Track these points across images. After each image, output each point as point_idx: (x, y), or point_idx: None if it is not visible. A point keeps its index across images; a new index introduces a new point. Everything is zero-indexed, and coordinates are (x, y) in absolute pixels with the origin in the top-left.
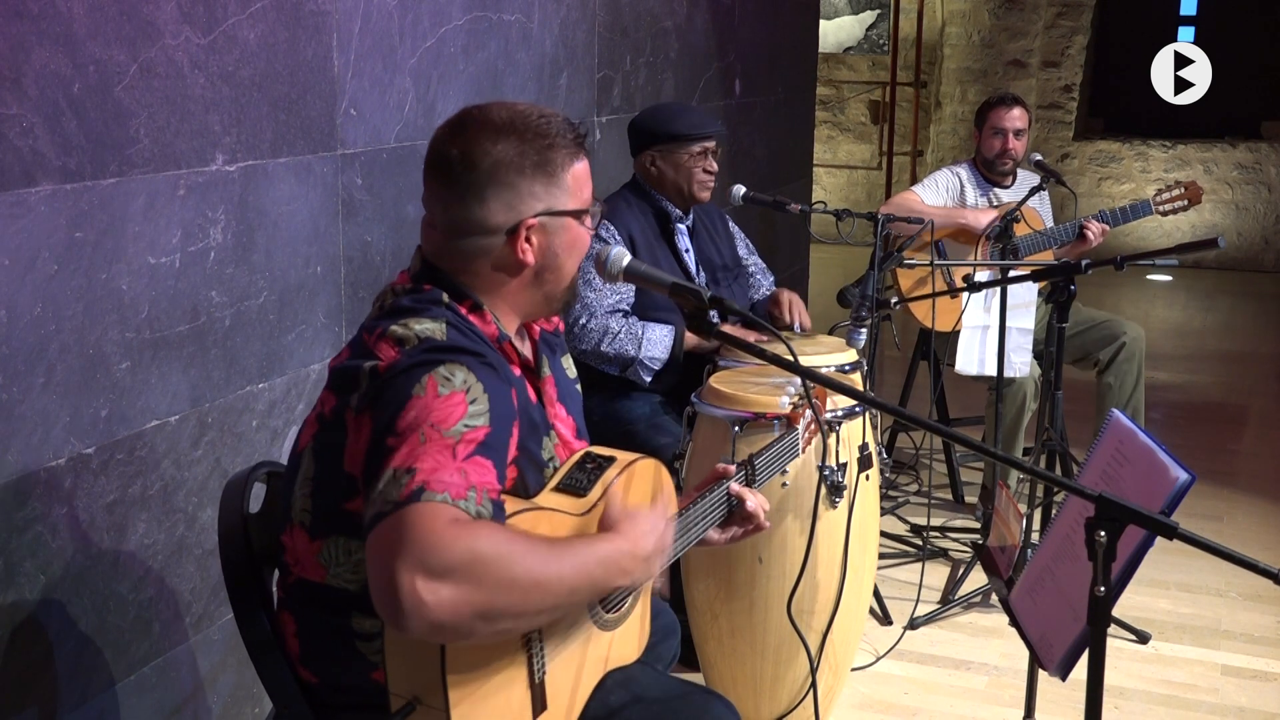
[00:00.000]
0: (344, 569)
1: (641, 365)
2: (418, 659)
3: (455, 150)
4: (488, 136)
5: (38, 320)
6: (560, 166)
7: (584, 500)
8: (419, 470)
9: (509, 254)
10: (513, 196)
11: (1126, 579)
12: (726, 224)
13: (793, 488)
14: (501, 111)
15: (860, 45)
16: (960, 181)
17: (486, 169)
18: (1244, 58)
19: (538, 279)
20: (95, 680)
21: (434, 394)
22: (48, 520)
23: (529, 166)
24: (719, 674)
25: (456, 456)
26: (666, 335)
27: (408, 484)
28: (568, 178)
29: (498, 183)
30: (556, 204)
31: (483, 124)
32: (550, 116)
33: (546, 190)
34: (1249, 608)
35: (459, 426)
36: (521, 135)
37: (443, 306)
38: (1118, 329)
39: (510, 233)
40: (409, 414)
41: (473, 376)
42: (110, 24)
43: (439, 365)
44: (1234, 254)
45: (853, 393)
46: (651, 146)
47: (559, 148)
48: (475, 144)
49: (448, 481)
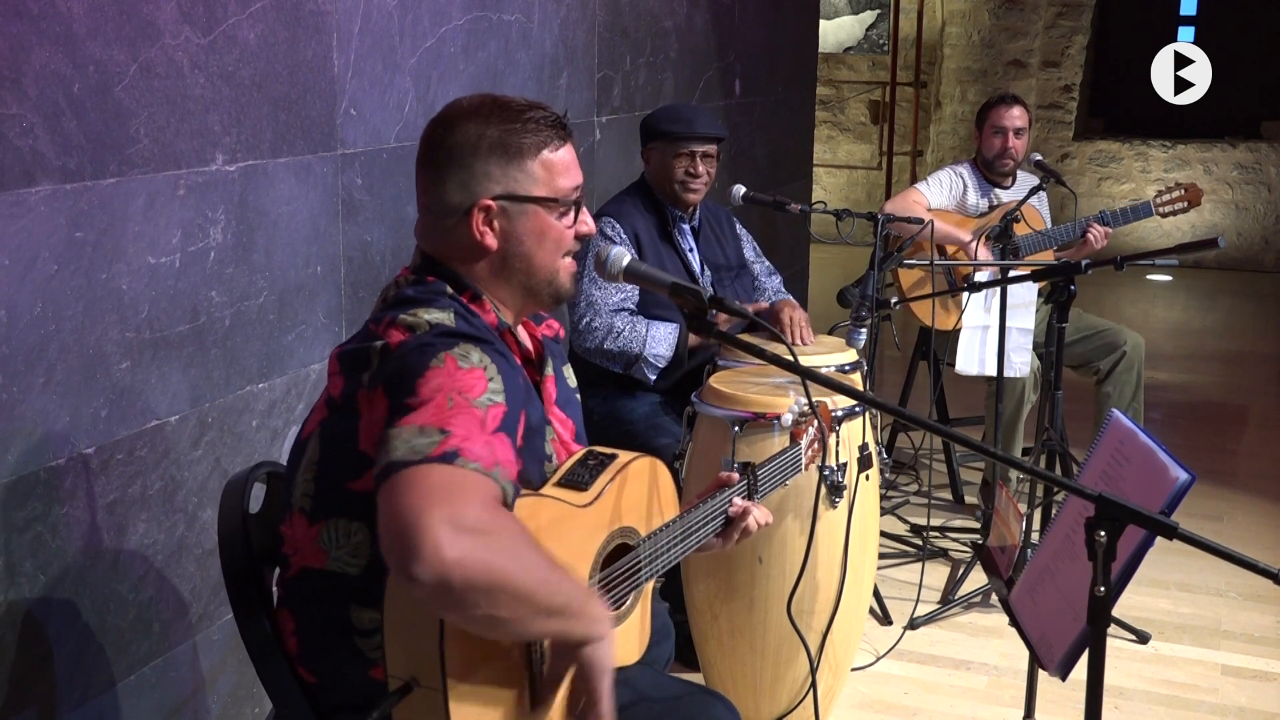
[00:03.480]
0: (344, 551)
1: (645, 363)
2: (417, 637)
3: (430, 132)
4: (457, 120)
5: (38, 320)
6: (525, 151)
7: (585, 494)
8: (453, 433)
9: (467, 235)
10: (467, 176)
11: (1126, 579)
12: (734, 225)
13: (793, 488)
14: (478, 98)
15: (860, 45)
16: (963, 181)
17: (447, 149)
18: (1244, 58)
19: (505, 266)
20: (95, 680)
21: (455, 366)
22: (48, 520)
23: (485, 147)
24: (719, 674)
25: (485, 428)
26: (671, 333)
27: (442, 442)
28: (535, 164)
29: (454, 163)
30: (518, 188)
31: (455, 108)
32: (534, 105)
33: (504, 172)
34: (1249, 608)
35: (484, 398)
36: (487, 118)
37: (449, 298)
38: (1118, 339)
39: (466, 213)
40: (431, 381)
41: (487, 358)
42: (110, 24)
43: (454, 345)
44: (1234, 254)
45: (853, 393)
46: (649, 142)
47: (528, 133)
48: (443, 126)
49: (479, 453)
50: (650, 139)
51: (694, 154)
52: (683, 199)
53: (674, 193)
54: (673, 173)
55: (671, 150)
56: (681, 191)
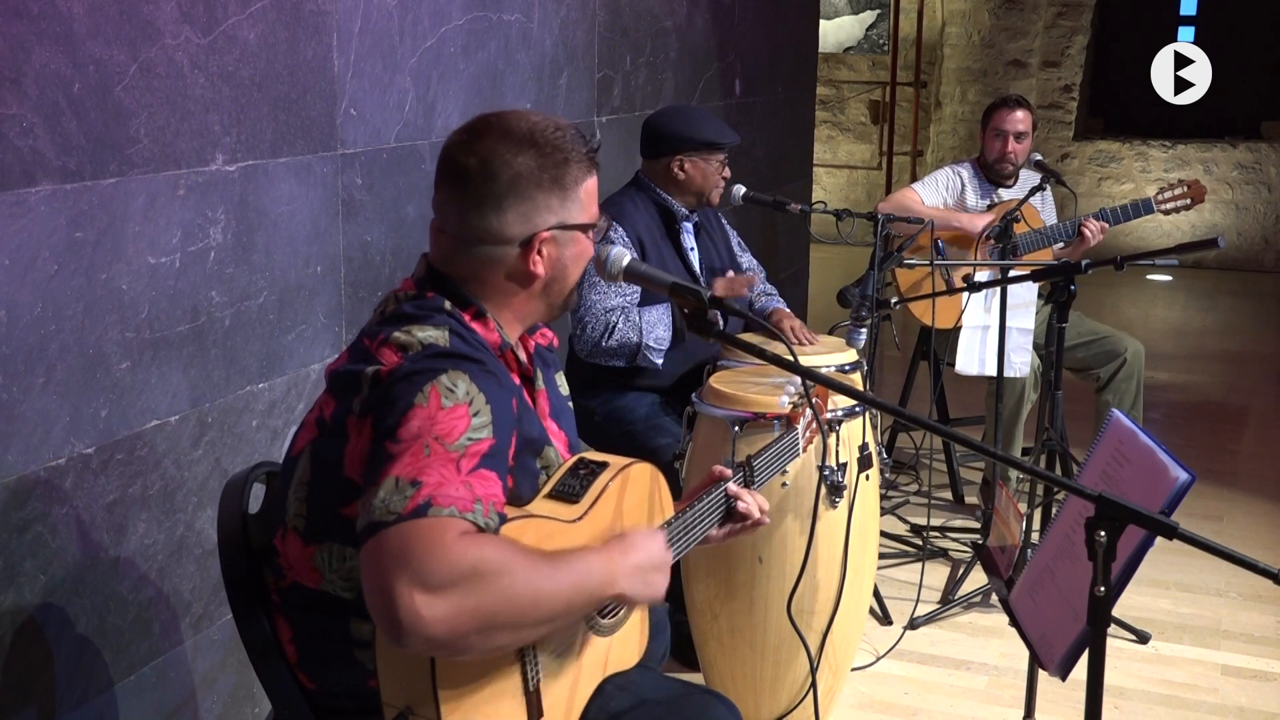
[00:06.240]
0: (337, 575)
1: (649, 348)
2: (408, 670)
3: (474, 159)
4: (507, 148)
5: (38, 320)
6: (574, 181)
7: (576, 507)
8: (425, 484)
9: (521, 266)
10: (529, 209)
11: (1126, 579)
12: (722, 221)
13: (793, 488)
14: (520, 123)
15: (860, 45)
16: (961, 181)
17: (506, 180)
18: (1244, 58)
19: (545, 290)
20: (95, 680)
21: (437, 405)
22: (48, 520)
23: (546, 180)
24: (719, 674)
25: (461, 470)
26: (663, 313)
27: (413, 496)
28: (580, 192)
29: (516, 195)
30: (569, 218)
31: (502, 134)
32: (565, 129)
33: (561, 204)
34: (1249, 608)
35: (462, 440)
36: (540, 149)
37: (445, 314)
38: (1118, 346)
39: (524, 244)
40: (411, 423)
41: (475, 387)
42: (110, 24)
43: (442, 374)
44: (1234, 254)
45: (853, 393)
46: (684, 151)
47: (573, 163)
48: (495, 154)
49: (454, 495)
50: (687, 147)
51: (725, 159)
52: (713, 202)
53: (709, 198)
54: (713, 179)
55: (715, 158)
56: (716, 196)
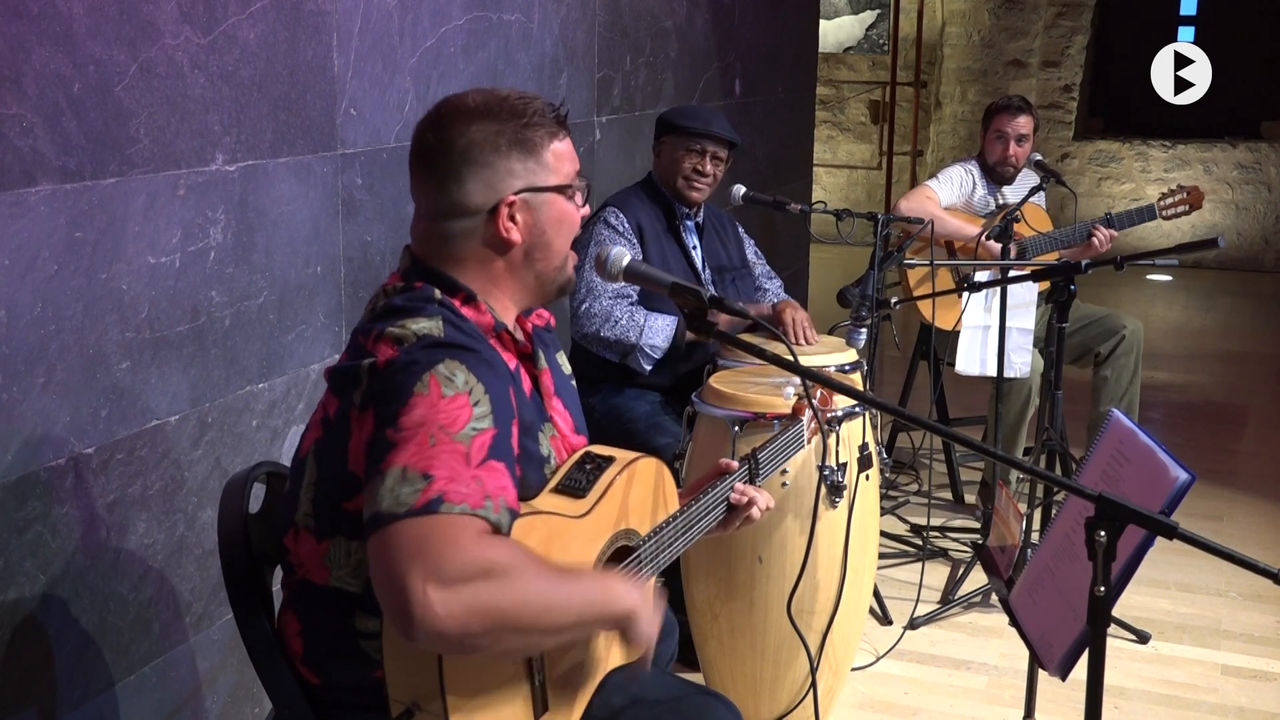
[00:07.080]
0: (345, 570)
1: (641, 353)
2: (416, 666)
3: (431, 136)
4: (463, 120)
5: (38, 320)
6: (539, 143)
7: (582, 502)
8: (436, 478)
9: (493, 233)
10: (490, 175)
11: (1126, 579)
12: (736, 229)
13: (793, 488)
14: (477, 96)
15: (860, 45)
16: (973, 179)
17: (461, 149)
18: (1244, 58)
19: (528, 258)
20: (95, 680)
21: (438, 394)
22: (48, 520)
23: (504, 144)
24: (719, 674)
25: (470, 463)
26: (669, 325)
27: (424, 490)
28: (548, 154)
29: (473, 162)
30: (538, 180)
31: (457, 108)
32: (529, 97)
33: (525, 167)
34: (1249, 608)
35: (467, 430)
36: (496, 115)
37: (436, 304)
38: (1117, 322)
39: (491, 211)
40: (414, 411)
41: (473, 377)
42: (110, 24)
43: (439, 363)
44: (1234, 254)
45: (853, 393)
46: (662, 135)
47: (537, 125)
48: (450, 128)
49: (465, 492)
50: (664, 132)
51: (705, 152)
52: (686, 195)
53: (678, 188)
54: (680, 166)
55: (683, 145)
56: (685, 188)
